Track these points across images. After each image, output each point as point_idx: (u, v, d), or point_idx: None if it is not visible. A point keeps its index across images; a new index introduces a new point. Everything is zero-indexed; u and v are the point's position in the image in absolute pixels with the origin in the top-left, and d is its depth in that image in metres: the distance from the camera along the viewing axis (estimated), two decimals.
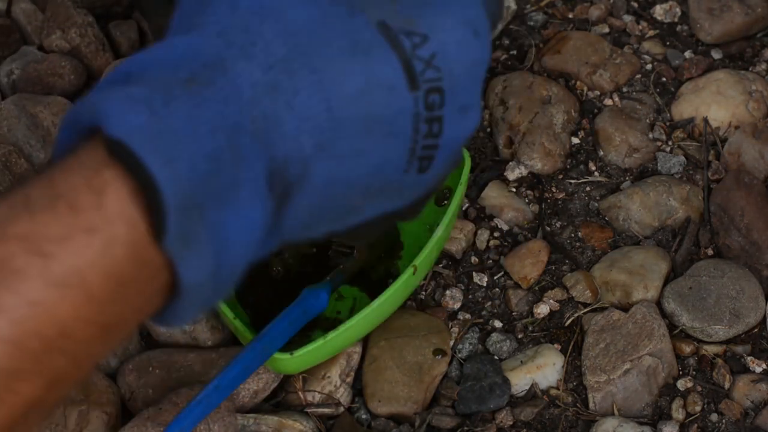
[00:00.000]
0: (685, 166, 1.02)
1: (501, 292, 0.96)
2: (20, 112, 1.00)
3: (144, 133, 0.40)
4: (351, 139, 0.45)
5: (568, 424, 0.88)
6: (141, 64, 0.44)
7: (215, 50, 0.44)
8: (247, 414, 0.87)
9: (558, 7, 1.13)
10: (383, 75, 0.45)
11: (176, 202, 0.40)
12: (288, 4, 0.45)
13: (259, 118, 0.43)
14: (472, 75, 0.48)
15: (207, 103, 0.42)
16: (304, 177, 0.45)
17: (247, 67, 0.43)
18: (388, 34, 0.45)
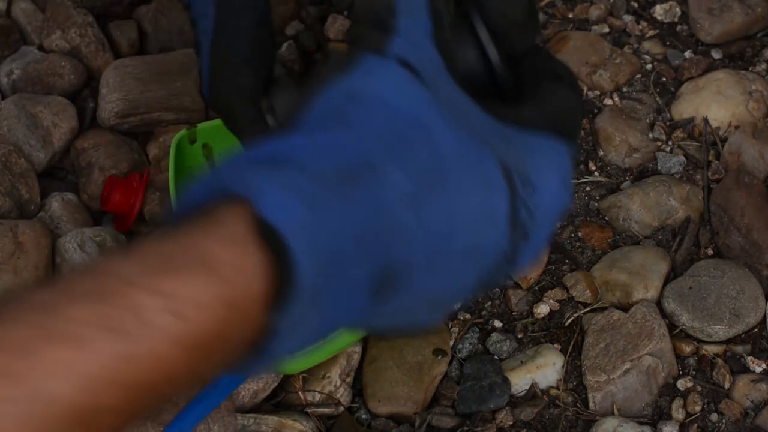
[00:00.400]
0: (685, 166, 1.02)
1: (501, 291, 0.96)
2: (20, 112, 1.00)
3: (301, 230, 0.41)
4: (452, 259, 0.48)
5: (568, 424, 0.88)
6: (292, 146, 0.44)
7: (373, 150, 0.45)
8: (247, 414, 0.87)
9: (558, 7, 1.13)
10: (497, 213, 0.48)
11: (306, 292, 0.41)
12: (439, 126, 0.47)
13: (392, 226, 0.45)
14: (554, 222, 0.52)
15: (357, 206, 0.44)
16: (407, 285, 0.47)
17: (397, 174, 0.45)
18: (507, 174, 0.49)
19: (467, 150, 0.48)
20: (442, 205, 0.46)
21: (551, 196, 0.50)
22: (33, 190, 0.98)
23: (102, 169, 0.99)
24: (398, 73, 0.48)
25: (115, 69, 1.03)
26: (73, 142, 1.01)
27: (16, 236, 0.92)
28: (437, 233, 0.46)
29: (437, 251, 0.47)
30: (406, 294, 0.47)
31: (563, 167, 0.52)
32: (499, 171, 0.48)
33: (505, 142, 0.50)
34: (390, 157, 0.46)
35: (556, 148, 0.52)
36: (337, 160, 0.44)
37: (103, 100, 1.01)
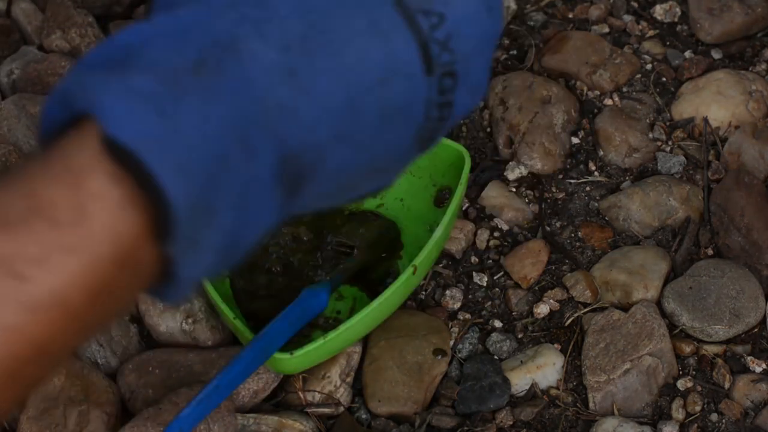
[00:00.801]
0: (685, 166, 1.02)
1: (501, 292, 0.96)
2: (20, 112, 1.00)
3: (153, 143, 0.37)
4: (368, 127, 0.43)
5: (568, 424, 0.88)
6: (142, 36, 0.40)
7: (226, 26, 0.40)
8: (247, 414, 0.87)
9: (558, 7, 1.13)
10: (403, 61, 0.42)
11: (186, 212, 0.38)
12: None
13: (272, 108, 0.40)
14: (485, 53, 0.46)
15: (218, 96, 0.39)
16: (318, 165, 0.42)
17: (261, 47, 0.40)
18: (406, 13, 0.42)
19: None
20: (330, 70, 0.40)
21: (470, 22, 0.44)
22: None
23: None
24: None
25: None
26: None
27: None
28: (333, 103, 0.41)
29: (342, 122, 0.41)
30: (326, 176, 0.42)
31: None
32: (395, 12, 0.42)
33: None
34: (246, 27, 0.40)
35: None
36: (191, 45, 0.39)
37: None
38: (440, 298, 0.95)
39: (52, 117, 0.39)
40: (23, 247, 0.36)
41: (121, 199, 0.37)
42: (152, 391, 0.88)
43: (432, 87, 0.43)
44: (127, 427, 0.84)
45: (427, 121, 0.44)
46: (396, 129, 0.44)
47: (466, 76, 0.44)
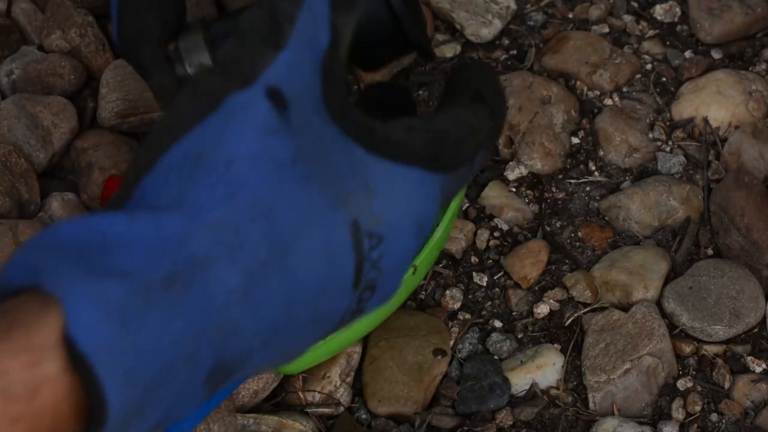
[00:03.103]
0: (685, 166, 1.02)
1: (501, 292, 0.96)
2: (20, 112, 1.00)
3: (108, 352, 0.39)
4: (294, 334, 0.46)
5: (568, 424, 0.88)
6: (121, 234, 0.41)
7: (204, 247, 0.42)
8: (247, 414, 0.87)
9: (558, 7, 1.13)
10: (339, 279, 0.46)
11: (119, 419, 0.40)
12: (283, 196, 0.44)
13: (223, 325, 0.42)
14: (401, 272, 0.49)
15: (180, 313, 0.41)
16: (244, 365, 0.45)
17: (227, 270, 0.42)
18: (356, 235, 0.46)
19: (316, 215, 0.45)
20: (279, 293, 0.44)
21: (400, 240, 0.48)
22: (33, 190, 0.98)
23: (102, 169, 0.99)
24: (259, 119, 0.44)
25: (115, 69, 1.03)
26: (73, 142, 1.01)
27: (16, 236, 0.92)
28: (274, 319, 0.44)
29: (275, 332, 0.45)
30: (247, 372, 0.46)
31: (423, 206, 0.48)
32: (348, 234, 0.45)
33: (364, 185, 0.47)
34: (220, 250, 0.42)
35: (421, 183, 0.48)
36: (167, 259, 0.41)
37: (103, 100, 1.02)
38: (440, 298, 0.95)
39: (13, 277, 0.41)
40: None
41: (68, 388, 0.39)
42: None
43: (353, 298, 0.47)
44: None
45: (341, 322, 0.49)
46: (315, 333, 0.48)
47: (381, 289, 0.49)
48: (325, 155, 0.46)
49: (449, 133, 0.50)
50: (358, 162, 0.47)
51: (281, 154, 0.44)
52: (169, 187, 0.44)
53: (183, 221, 0.43)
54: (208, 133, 0.44)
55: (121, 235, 0.41)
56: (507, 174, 1.02)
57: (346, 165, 0.46)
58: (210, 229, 0.43)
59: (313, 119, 0.46)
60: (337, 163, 0.46)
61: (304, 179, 0.45)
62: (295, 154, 0.45)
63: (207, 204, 0.43)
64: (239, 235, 0.43)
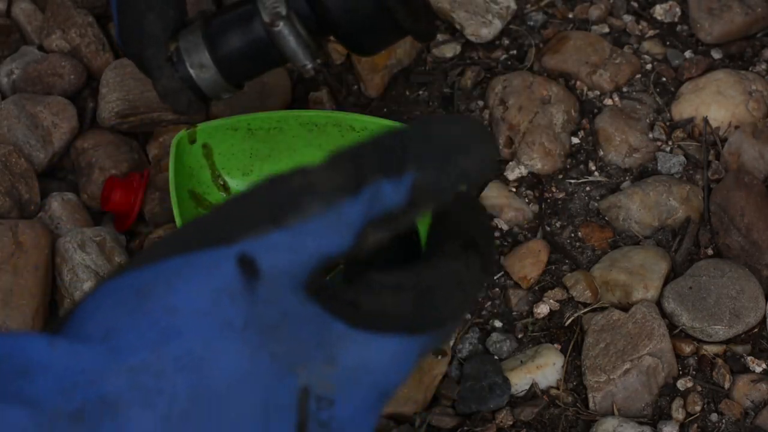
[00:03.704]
0: (685, 166, 1.02)
1: (501, 291, 0.96)
2: (20, 112, 1.00)
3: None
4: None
5: (568, 424, 0.88)
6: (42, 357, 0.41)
7: (120, 386, 0.41)
8: None
9: (558, 7, 1.13)
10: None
11: None
12: (223, 353, 0.42)
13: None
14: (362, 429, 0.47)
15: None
16: None
17: (141, 414, 0.41)
18: (302, 398, 0.44)
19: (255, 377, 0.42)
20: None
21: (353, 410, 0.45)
22: (33, 190, 0.98)
23: (102, 169, 0.99)
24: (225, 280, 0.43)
25: (115, 69, 1.03)
26: (73, 142, 1.01)
27: (16, 236, 0.92)
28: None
29: None
30: None
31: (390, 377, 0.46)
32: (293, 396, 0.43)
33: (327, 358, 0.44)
34: (137, 393, 0.41)
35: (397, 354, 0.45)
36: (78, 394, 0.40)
37: (103, 100, 1.01)
38: None
39: None
40: None
41: None
42: None
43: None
44: None
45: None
46: None
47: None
48: (291, 331, 0.44)
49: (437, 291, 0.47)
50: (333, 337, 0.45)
51: (232, 317, 0.43)
52: (101, 316, 0.43)
53: (102, 358, 0.41)
54: (162, 275, 0.43)
55: (39, 359, 0.41)
56: (507, 174, 1.02)
57: (313, 341, 0.44)
58: (128, 371, 0.41)
59: (286, 296, 0.44)
60: (302, 339, 0.44)
61: (250, 346, 0.43)
62: (248, 321, 0.43)
63: (132, 345, 0.42)
64: (162, 381, 0.42)
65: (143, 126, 1.02)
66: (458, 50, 1.10)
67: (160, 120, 1.01)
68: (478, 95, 1.07)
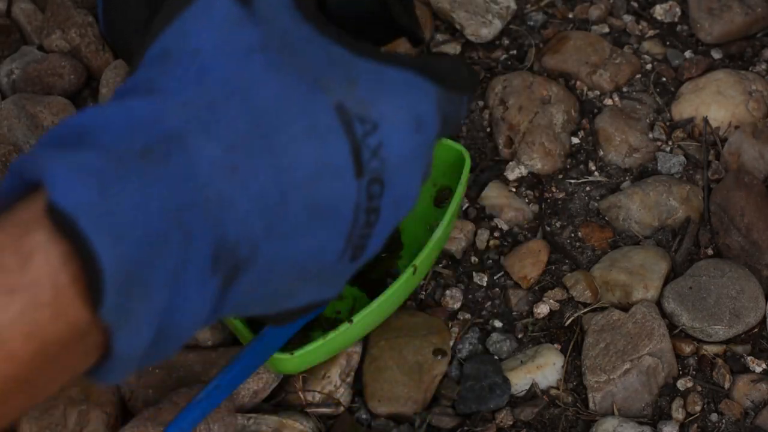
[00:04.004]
0: (685, 166, 1.02)
1: (501, 292, 0.96)
2: (20, 112, 1.00)
3: (92, 211, 0.39)
4: (297, 221, 0.45)
5: (568, 424, 0.88)
6: (96, 122, 0.42)
7: (177, 122, 0.43)
8: (247, 414, 0.87)
9: (558, 7, 1.13)
10: (334, 161, 0.45)
11: (117, 281, 0.39)
12: (256, 80, 0.44)
13: (212, 198, 0.42)
14: (410, 169, 0.48)
15: (161, 180, 0.41)
16: (252, 258, 0.44)
17: (207, 144, 0.43)
18: (343, 118, 0.45)
19: (295, 98, 0.44)
20: (268, 168, 0.44)
21: (398, 131, 0.47)
22: None
23: None
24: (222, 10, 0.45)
25: (115, 69, 1.03)
26: None
27: None
28: (267, 198, 0.44)
29: (272, 216, 0.44)
30: (256, 270, 0.45)
31: (419, 109, 0.48)
32: (335, 116, 0.45)
33: (345, 75, 0.46)
34: (196, 125, 0.43)
35: (413, 83, 0.48)
36: (140, 135, 0.42)
37: (103, 100, 1.01)
38: (440, 298, 0.95)
39: (6, 188, 0.41)
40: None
41: (63, 255, 0.39)
42: (152, 391, 0.88)
43: (361, 191, 0.46)
44: (127, 427, 0.84)
45: (356, 225, 0.47)
46: (325, 228, 0.46)
47: (392, 186, 0.47)
48: (297, 48, 0.46)
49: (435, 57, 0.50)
50: (336, 58, 0.46)
51: (247, 41, 0.45)
52: (139, 77, 0.45)
53: (154, 104, 0.43)
54: (175, 30, 0.45)
55: (96, 122, 0.42)
56: (507, 174, 1.02)
57: (321, 59, 0.46)
58: (182, 107, 0.43)
59: (282, 15, 0.46)
60: (310, 57, 0.46)
61: (275, 65, 0.45)
62: (263, 42, 0.45)
63: (176, 88, 0.44)
64: (214, 112, 0.43)
65: None
66: (458, 50, 1.10)
67: None
68: (478, 95, 1.07)
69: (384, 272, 0.95)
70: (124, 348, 0.41)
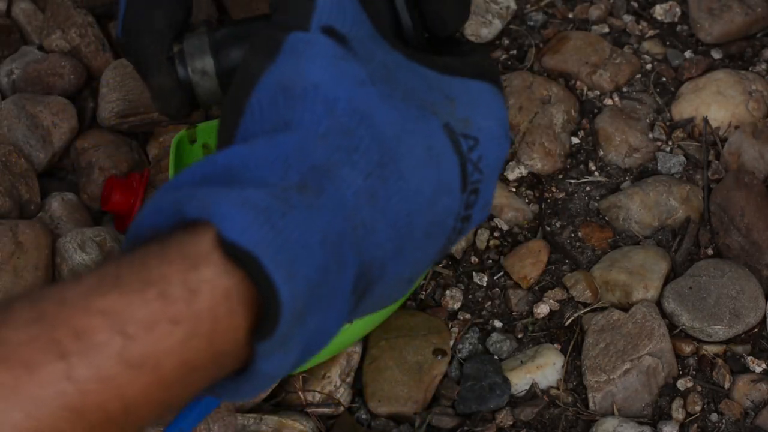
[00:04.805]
0: (685, 166, 1.02)
1: (501, 292, 0.96)
2: (20, 112, 1.00)
3: (267, 246, 0.40)
4: (417, 241, 0.47)
5: (568, 424, 0.88)
6: (244, 159, 0.44)
7: (322, 153, 0.45)
8: (247, 414, 0.87)
9: (558, 7, 1.13)
10: (448, 182, 0.48)
11: (290, 313, 0.41)
12: (375, 107, 0.46)
13: (359, 227, 0.44)
14: (498, 172, 0.52)
15: (318, 213, 0.43)
16: (381, 276, 0.47)
17: (350, 173, 0.45)
18: (452, 137, 0.48)
19: (410, 123, 0.47)
20: (399, 192, 0.46)
21: (493, 142, 0.50)
22: (33, 190, 0.98)
23: (102, 169, 0.99)
24: (327, 49, 0.47)
25: (115, 69, 1.03)
26: (73, 142, 1.01)
27: (16, 236, 0.92)
28: (399, 220, 0.46)
29: (401, 238, 0.46)
30: (382, 285, 0.47)
31: (499, 109, 0.51)
32: (446, 137, 0.48)
33: (443, 95, 0.49)
34: (339, 155, 0.45)
35: (489, 89, 0.51)
36: (293, 169, 0.44)
37: (103, 100, 1.02)
38: (440, 298, 0.95)
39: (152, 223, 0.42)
40: (135, 311, 0.39)
41: (228, 289, 0.40)
42: None
43: (462, 202, 0.49)
44: None
45: (453, 232, 0.50)
46: (434, 241, 0.49)
47: (484, 193, 0.50)
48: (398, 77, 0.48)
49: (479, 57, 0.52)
50: (430, 80, 0.49)
51: (358, 75, 0.47)
52: (267, 118, 0.46)
53: (296, 138, 0.45)
54: (284, 69, 0.46)
55: (245, 160, 0.43)
56: (507, 174, 1.02)
57: (419, 83, 0.49)
58: (323, 138, 0.45)
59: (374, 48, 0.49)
60: (410, 82, 0.48)
61: (386, 94, 0.47)
62: (371, 75, 0.47)
63: (312, 119, 0.45)
64: (352, 138, 0.45)
65: (143, 126, 1.02)
66: None
67: (160, 120, 1.01)
68: None
69: None
70: (268, 370, 0.43)
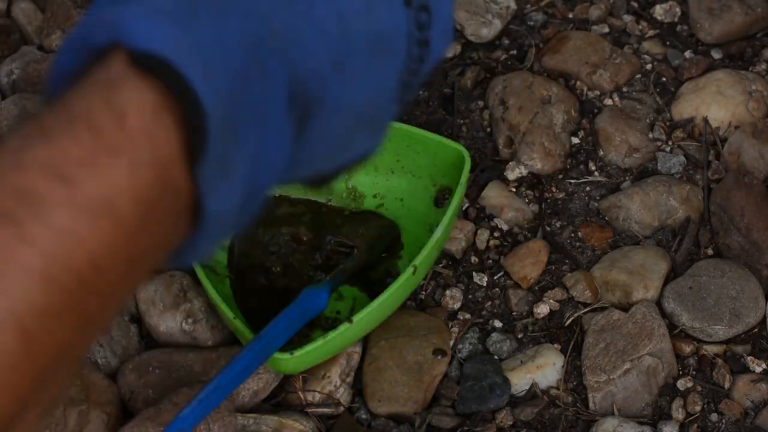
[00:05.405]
0: (685, 166, 1.02)
1: (501, 292, 0.96)
2: (20, 112, 1.00)
3: (179, 46, 0.37)
4: (359, 56, 0.44)
5: (568, 424, 0.88)
6: None
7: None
8: (247, 414, 0.87)
9: (558, 7, 1.13)
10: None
11: (217, 121, 0.37)
12: None
13: (278, 32, 0.41)
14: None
15: (230, 14, 0.39)
16: (321, 97, 0.43)
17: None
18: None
19: None
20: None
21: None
22: None
23: None
24: None
25: None
26: None
27: None
28: (328, 29, 0.42)
29: (336, 50, 0.43)
30: (325, 112, 0.43)
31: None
32: None
33: None
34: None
35: None
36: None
37: None
38: (440, 298, 0.95)
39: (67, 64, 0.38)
40: (67, 152, 0.35)
41: (154, 104, 0.37)
42: (152, 391, 0.88)
43: (411, 20, 0.45)
44: (127, 427, 0.84)
45: (409, 59, 0.46)
46: (382, 62, 0.45)
47: (438, 15, 0.46)
48: None
49: None
50: None
51: None
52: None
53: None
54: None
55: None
56: (507, 174, 1.02)
57: None
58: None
59: None
60: None
61: None
62: None
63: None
64: None
65: None
66: (458, 50, 1.10)
67: None
68: (478, 95, 1.07)
69: (384, 272, 0.95)
70: (216, 204, 0.39)
